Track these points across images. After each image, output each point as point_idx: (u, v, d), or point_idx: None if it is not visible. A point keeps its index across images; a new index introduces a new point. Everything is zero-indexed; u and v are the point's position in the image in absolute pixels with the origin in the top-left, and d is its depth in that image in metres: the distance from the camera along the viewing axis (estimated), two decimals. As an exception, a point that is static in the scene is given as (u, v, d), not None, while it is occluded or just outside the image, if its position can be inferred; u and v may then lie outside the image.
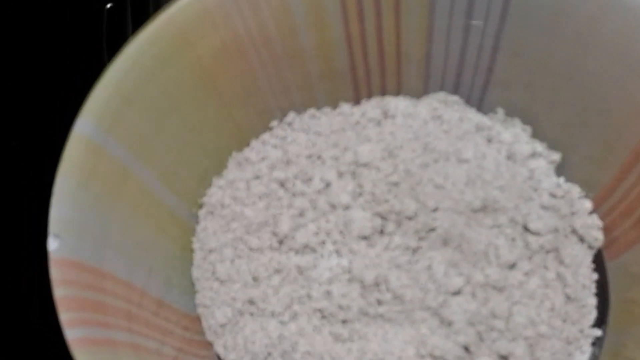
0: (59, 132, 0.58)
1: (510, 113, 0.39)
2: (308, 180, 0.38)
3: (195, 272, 0.38)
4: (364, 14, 0.37)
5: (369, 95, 0.41)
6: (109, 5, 0.60)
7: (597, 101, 0.35)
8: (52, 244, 0.30)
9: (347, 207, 0.37)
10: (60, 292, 0.30)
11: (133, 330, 0.32)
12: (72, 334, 0.29)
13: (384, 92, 0.40)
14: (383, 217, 0.36)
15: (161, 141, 0.36)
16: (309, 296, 0.36)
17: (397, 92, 0.40)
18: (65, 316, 0.30)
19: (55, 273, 0.30)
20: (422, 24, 0.37)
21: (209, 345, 0.37)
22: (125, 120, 0.34)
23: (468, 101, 0.40)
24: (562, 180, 0.38)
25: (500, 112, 0.39)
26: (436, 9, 0.36)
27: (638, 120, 0.34)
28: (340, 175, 0.37)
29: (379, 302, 0.35)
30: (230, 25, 0.35)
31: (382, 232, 0.36)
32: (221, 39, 0.35)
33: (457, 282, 0.35)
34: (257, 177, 0.38)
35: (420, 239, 0.36)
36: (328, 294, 0.35)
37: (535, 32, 0.35)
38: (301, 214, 0.37)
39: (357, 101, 0.41)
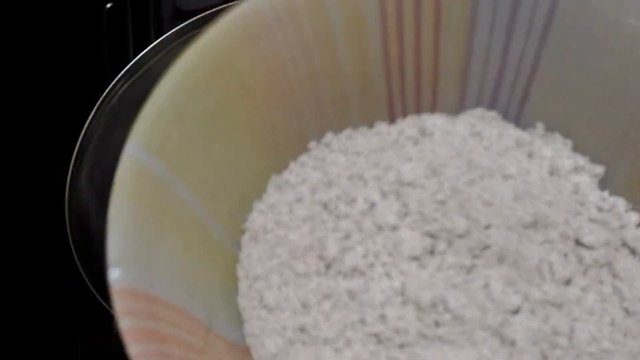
0: (59, 131, 0.57)
1: (550, 128, 0.39)
2: (351, 201, 0.37)
3: (242, 301, 0.36)
4: (403, 33, 0.37)
5: (404, 114, 0.40)
6: (109, 5, 0.60)
7: None
8: (113, 274, 0.29)
9: (394, 228, 0.36)
10: (126, 324, 0.29)
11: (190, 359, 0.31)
12: None
13: (419, 110, 0.40)
14: (433, 236, 0.36)
15: (204, 164, 0.35)
16: (363, 321, 0.34)
17: (433, 110, 0.40)
18: (134, 349, 0.28)
19: (119, 304, 0.29)
20: (461, 41, 0.37)
21: None
22: (170, 142, 0.33)
23: (505, 117, 0.40)
24: (606, 193, 0.38)
25: (540, 127, 0.39)
26: (477, 26, 0.36)
27: None
28: (384, 195, 0.37)
29: (437, 324, 0.34)
30: (272, 45, 0.35)
31: (432, 252, 0.36)
32: (263, 58, 0.35)
33: (515, 300, 0.34)
34: (299, 200, 0.37)
35: (475, 257, 0.35)
36: (382, 317, 0.34)
37: (578, 49, 0.35)
38: (347, 237, 0.36)
39: (392, 120, 0.40)
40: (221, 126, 0.35)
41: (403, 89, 0.39)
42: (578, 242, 0.36)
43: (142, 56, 0.59)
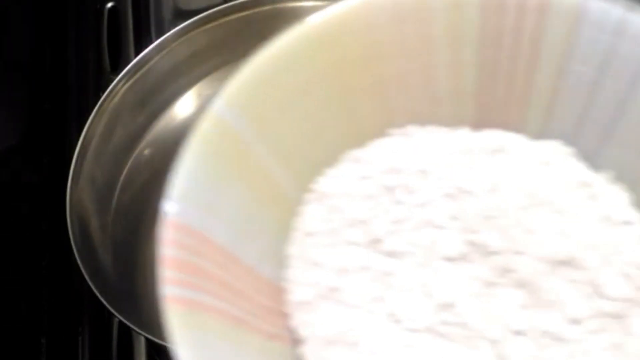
0: (59, 131, 0.58)
1: (620, 177, 0.40)
2: (412, 192, 0.40)
3: (291, 249, 0.40)
4: (502, 41, 0.39)
5: (490, 125, 0.42)
6: (109, 5, 0.61)
7: None
8: (171, 208, 0.34)
9: (440, 227, 0.39)
10: (166, 252, 0.33)
11: (224, 297, 0.36)
12: (169, 291, 0.32)
13: (505, 126, 0.42)
14: (471, 246, 0.38)
15: (286, 127, 0.39)
16: (384, 299, 0.38)
17: (517, 129, 0.42)
18: (166, 273, 0.33)
19: (166, 234, 0.33)
20: (554, 69, 0.39)
21: (285, 317, 0.40)
22: (257, 104, 0.37)
23: (582, 155, 0.41)
24: None
25: (611, 173, 0.40)
26: (574, 54, 0.38)
27: None
28: (442, 195, 0.39)
29: (444, 322, 0.37)
30: (371, 35, 0.38)
31: (465, 258, 0.38)
32: (362, 46, 0.39)
33: (522, 324, 0.37)
34: (366, 178, 0.41)
35: (499, 276, 0.38)
36: (403, 301, 0.38)
37: None
38: (397, 222, 0.39)
39: (477, 127, 0.42)
40: (310, 99, 0.39)
41: (492, 102, 0.41)
42: (601, 290, 0.37)
43: (142, 56, 0.61)
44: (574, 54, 0.38)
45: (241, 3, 0.66)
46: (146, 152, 0.65)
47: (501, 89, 0.41)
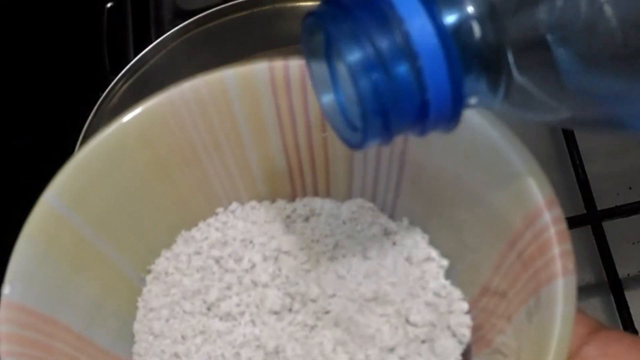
0: (59, 131, 0.58)
1: (414, 222, 0.47)
2: (239, 260, 0.46)
3: (136, 326, 0.46)
4: (297, 131, 0.45)
5: (304, 195, 0.49)
6: (109, 5, 0.62)
7: (476, 223, 0.43)
8: (5, 289, 0.38)
9: (265, 286, 0.45)
10: (3, 329, 0.37)
11: None
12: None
13: (316, 193, 0.49)
14: (292, 297, 0.44)
15: (120, 219, 0.44)
16: (223, 356, 0.44)
17: (326, 194, 0.48)
18: (4, 347, 0.37)
19: (3, 314, 0.37)
20: (345, 154, 0.46)
21: None
22: (88, 199, 0.42)
23: (382, 209, 0.48)
24: (448, 282, 0.45)
25: (405, 220, 0.47)
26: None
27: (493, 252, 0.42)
28: (264, 258, 0.45)
29: None
30: (184, 131, 0.44)
31: (290, 309, 0.44)
32: (176, 141, 0.44)
33: (342, 357, 0.42)
34: (197, 253, 0.46)
35: (318, 319, 0.44)
36: (237, 355, 0.43)
37: (423, 177, 0.44)
38: (228, 287, 0.45)
39: (293, 198, 0.49)
40: (138, 190, 0.44)
41: (302, 175, 0.48)
42: (407, 319, 0.44)
43: (142, 56, 0.62)
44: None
45: (240, 3, 0.66)
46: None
47: (307, 165, 0.47)
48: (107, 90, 0.60)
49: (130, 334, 0.46)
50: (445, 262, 0.45)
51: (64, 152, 0.53)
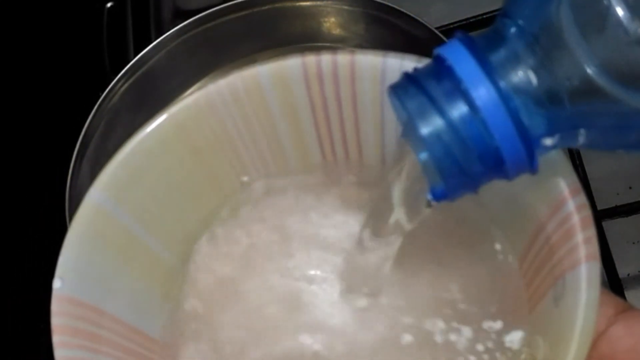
0: (59, 131, 0.59)
1: None
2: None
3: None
4: (330, 124, 0.45)
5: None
6: (109, 5, 0.62)
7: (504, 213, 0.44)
8: (56, 284, 0.38)
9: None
10: (56, 321, 0.37)
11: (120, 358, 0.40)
12: (61, 353, 0.37)
13: None
14: None
15: (161, 210, 0.44)
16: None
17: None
18: (57, 339, 0.37)
19: (55, 306, 0.38)
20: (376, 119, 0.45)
21: None
22: (131, 193, 0.42)
23: None
24: None
25: None
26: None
27: None
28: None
29: None
30: (219, 121, 0.44)
31: None
32: (212, 130, 0.44)
33: None
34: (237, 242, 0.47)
35: None
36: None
37: None
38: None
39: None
40: (177, 182, 0.45)
41: (336, 167, 0.48)
42: None
43: (142, 56, 0.62)
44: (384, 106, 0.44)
45: (240, 3, 0.65)
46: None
47: (339, 146, 0.47)
48: (107, 90, 0.60)
49: (177, 319, 0.46)
50: None
51: (64, 152, 0.56)
